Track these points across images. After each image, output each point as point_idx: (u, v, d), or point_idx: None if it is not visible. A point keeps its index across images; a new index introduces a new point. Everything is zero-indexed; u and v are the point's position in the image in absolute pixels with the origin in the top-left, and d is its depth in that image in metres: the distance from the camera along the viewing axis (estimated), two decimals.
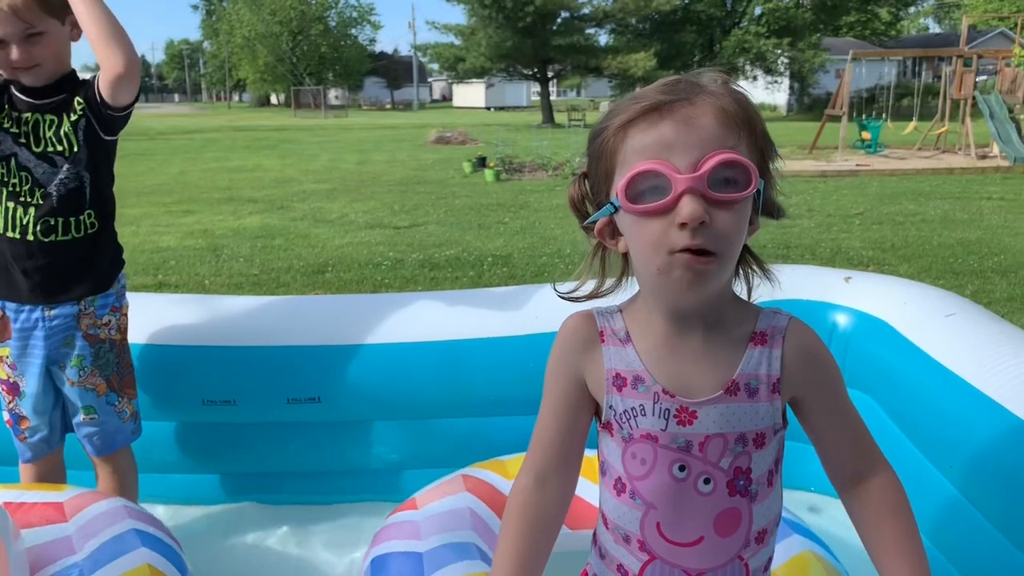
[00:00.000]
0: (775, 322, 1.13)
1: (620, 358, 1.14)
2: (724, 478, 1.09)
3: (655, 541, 1.12)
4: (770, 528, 1.15)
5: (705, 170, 1.00)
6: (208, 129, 30.89)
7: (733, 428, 1.09)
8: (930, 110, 21.15)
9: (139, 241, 8.42)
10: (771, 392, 1.10)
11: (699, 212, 0.99)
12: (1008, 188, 12.03)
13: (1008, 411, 1.96)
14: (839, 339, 2.65)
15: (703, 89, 1.04)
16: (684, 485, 1.10)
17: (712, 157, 1.01)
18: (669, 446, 1.10)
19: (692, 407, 1.09)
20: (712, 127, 1.02)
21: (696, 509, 1.10)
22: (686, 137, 1.02)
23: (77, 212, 2.18)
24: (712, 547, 1.11)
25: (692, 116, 1.02)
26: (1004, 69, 17.47)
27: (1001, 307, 5.44)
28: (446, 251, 7.80)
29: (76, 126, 2.16)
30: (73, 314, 2.23)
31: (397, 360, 2.62)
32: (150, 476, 2.57)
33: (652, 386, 1.10)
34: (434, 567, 1.81)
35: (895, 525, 1.13)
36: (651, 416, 1.10)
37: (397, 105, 64.33)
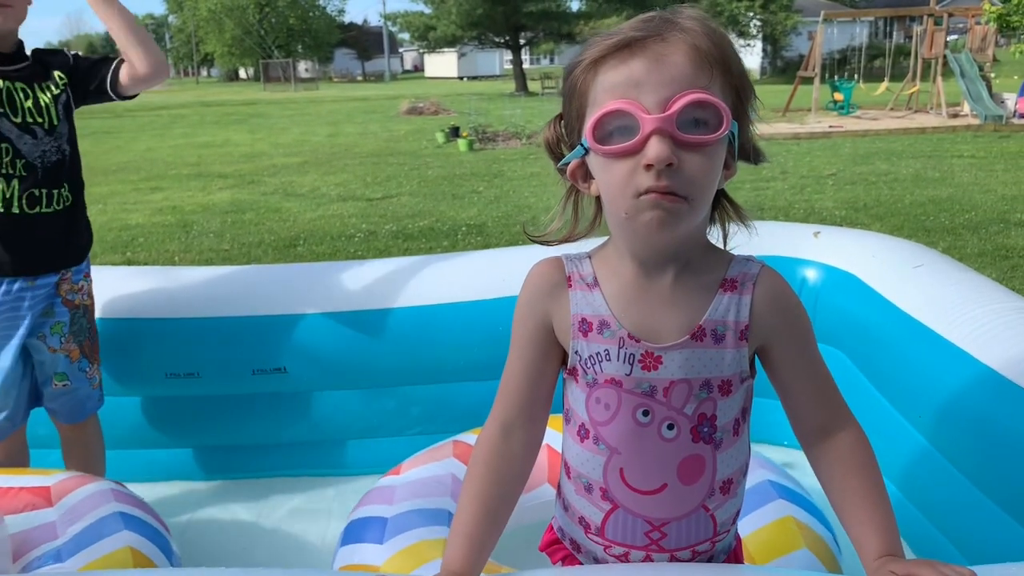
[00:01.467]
0: (747, 269, 1.10)
1: (587, 303, 1.11)
2: (688, 424, 1.08)
3: (618, 488, 1.11)
4: (736, 478, 1.14)
5: (674, 110, 0.97)
6: (175, 105, 30.38)
7: (698, 374, 1.07)
8: (902, 70, 21.21)
9: (107, 219, 8.28)
10: (738, 339, 1.08)
11: (665, 154, 0.96)
12: (979, 146, 12.10)
13: (975, 359, 1.96)
14: (809, 293, 2.65)
15: (677, 26, 1.00)
16: (647, 430, 1.08)
17: (682, 97, 0.97)
18: (633, 391, 1.08)
19: (657, 352, 1.07)
20: (683, 65, 0.98)
21: (659, 455, 1.09)
22: (656, 75, 0.98)
23: (58, 185, 2.20)
24: (675, 495, 1.10)
25: (663, 53, 0.98)
26: (974, 27, 17.52)
27: (972, 262, 5.47)
28: (420, 222, 7.73)
29: (57, 100, 2.20)
30: (54, 282, 2.25)
31: (364, 327, 2.58)
32: (113, 452, 2.52)
33: (618, 331, 1.08)
34: (395, 532, 1.81)
35: (862, 480, 1.11)
36: (616, 361, 1.08)
37: (368, 76, 63.55)
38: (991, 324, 2.03)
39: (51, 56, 2.26)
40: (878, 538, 1.07)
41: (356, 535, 1.88)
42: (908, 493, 2.19)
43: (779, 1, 37.25)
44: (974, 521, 1.88)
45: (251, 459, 2.73)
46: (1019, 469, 1.75)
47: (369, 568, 1.78)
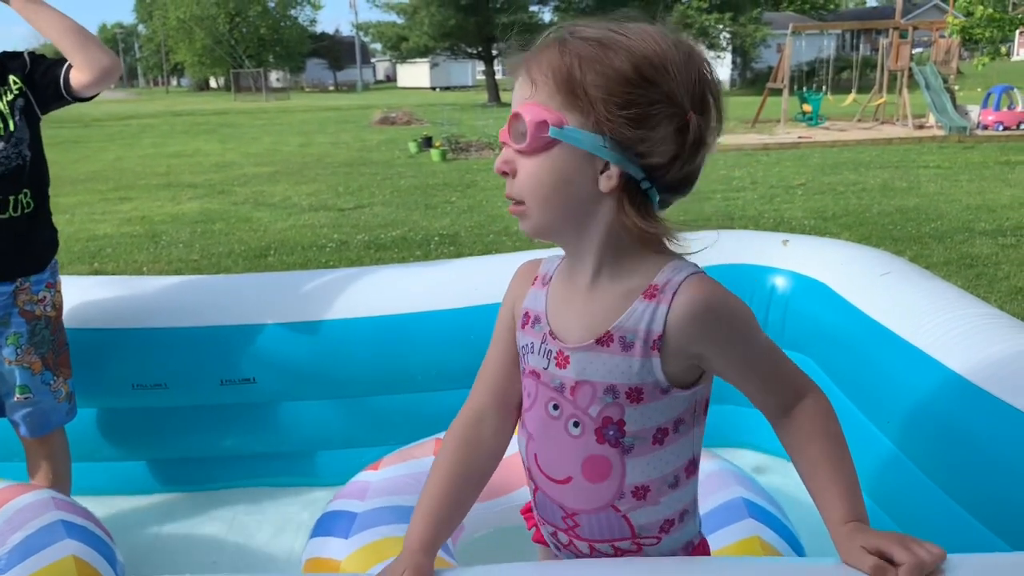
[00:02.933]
0: (672, 276, 1.07)
1: (534, 299, 1.18)
2: (592, 425, 1.10)
3: (535, 472, 1.18)
4: (656, 487, 1.13)
5: (507, 125, 1.06)
6: (145, 115, 30.08)
7: (602, 378, 1.08)
8: (869, 82, 21.51)
9: (74, 230, 8.15)
10: (649, 348, 1.06)
11: (498, 162, 1.08)
12: (944, 157, 12.30)
13: (942, 364, 1.98)
14: (778, 301, 2.67)
15: (536, 46, 1.07)
16: (556, 424, 1.13)
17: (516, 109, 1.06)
18: (548, 384, 1.13)
19: (567, 351, 1.11)
20: (521, 81, 1.06)
21: (565, 449, 1.13)
22: (514, 91, 1.08)
23: (16, 191, 2.14)
24: (581, 489, 1.13)
25: (518, 70, 1.08)
26: (939, 40, 17.84)
27: (939, 270, 5.55)
28: (392, 232, 7.70)
29: (13, 105, 2.14)
30: (10, 291, 2.18)
31: (335, 337, 2.56)
32: (80, 465, 2.47)
33: (544, 327, 1.14)
34: (361, 527, 1.83)
35: (821, 446, 1.12)
36: (537, 354, 1.14)
37: (341, 86, 63.36)
38: (957, 330, 2.06)
39: (9, 60, 2.20)
40: (841, 502, 1.08)
41: (325, 528, 1.90)
42: (876, 498, 2.21)
43: (749, 14, 37.69)
44: (941, 524, 1.90)
45: (219, 470, 2.70)
46: (984, 472, 1.78)
47: (330, 563, 1.78)
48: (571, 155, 1.03)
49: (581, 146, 1.02)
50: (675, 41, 1.05)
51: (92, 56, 2.15)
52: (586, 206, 1.06)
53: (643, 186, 1.04)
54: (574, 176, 1.04)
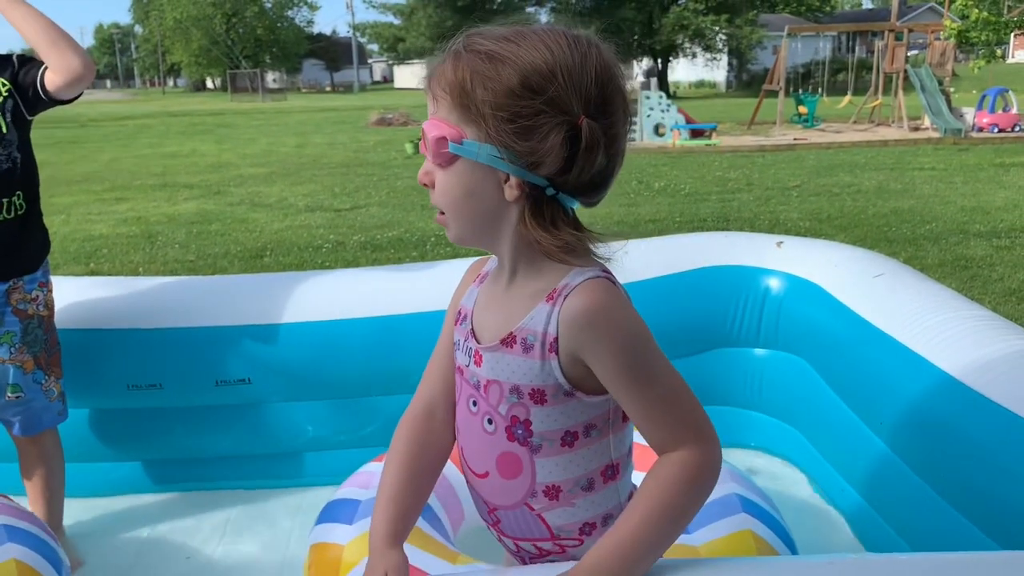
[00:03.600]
0: (571, 280, 1.07)
1: (468, 297, 1.22)
2: (503, 423, 1.14)
3: (463, 465, 1.23)
4: (568, 488, 1.13)
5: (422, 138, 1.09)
6: (141, 115, 30.03)
7: (507, 378, 1.12)
8: (864, 84, 21.58)
9: (70, 230, 8.14)
10: (547, 350, 1.07)
11: (420, 174, 1.10)
12: (939, 158, 12.33)
13: (935, 366, 1.99)
14: (772, 302, 2.68)
15: (441, 58, 1.09)
16: (475, 419, 1.17)
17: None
18: (468, 381, 1.17)
19: (480, 351, 1.15)
20: (428, 96, 1.09)
21: (483, 444, 1.17)
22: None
23: (8, 193, 2.14)
24: (497, 485, 1.17)
25: (426, 87, 1.10)
26: (934, 43, 17.90)
27: (933, 272, 5.57)
28: (388, 232, 7.70)
29: (3, 108, 2.14)
30: (3, 291, 2.19)
31: (331, 338, 2.56)
32: (74, 466, 2.47)
33: (467, 325, 1.18)
34: (364, 514, 1.89)
35: (649, 500, 1.04)
36: (461, 352, 1.19)
37: (337, 87, 63.32)
38: (950, 332, 2.07)
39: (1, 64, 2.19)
40: (598, 547, 1.03)
41: (331, 515, 1.98)
42: (868, 498, 2.22)
43: (744, 16, 37.78)
44: (932, 524, 1.91)
45: (214, 471, 2.70)
46: (976, 473, 1.79)
47: (334, 547, 1.86)
48: (473, 167, 1.06)
49: (479, 159, 1.04)
50: (572, 45, 1.03)
51: (64, 57, 2.11)
52: (495, 214, 1.08)
53: (548, 192, 1.05)
54: (479, 187, 1.07)
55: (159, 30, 60.00)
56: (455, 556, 1.82)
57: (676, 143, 14.49)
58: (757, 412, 2.74)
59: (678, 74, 45.22)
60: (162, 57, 64.76)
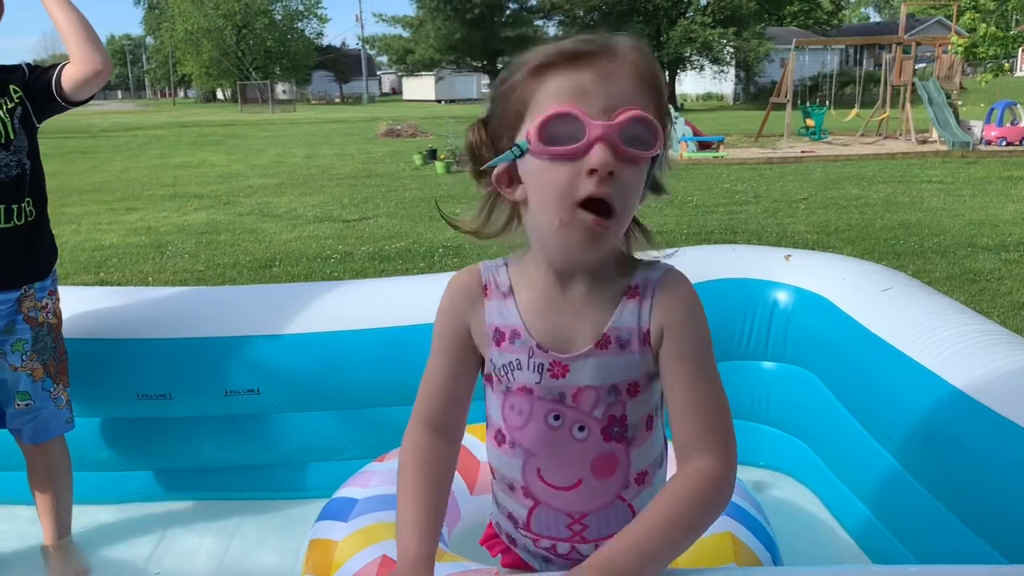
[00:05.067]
0: (649, 275, 1.12)
1: (500, 312, 1.15)
2: (598, 426, 1.13)
3: (537, 487, 1.17)
4: (651, 469, 1.18)
5: (619, 120, 1.00)
6: (152, 126, 30.21)
7: (604, 380, 1.11)
8: (872, 97, 21.57)
9: (80, 239, 8.19)
10: (642, 344, 1.11)
11: (609, 160, 0.99)
12: (947, 171, 12.32)
13: (943, 380, 1.99)
14: (780, 315, 2.68)
15: (621, 48, 1.04)
16: (559, 433, 1.13)
17: (627, 111, 1.01)
18: (544, 398, 1.13)
19: (564, 361, 1.11)
20: (628, 83, 1.02)
21: (573, 455, 1.14)
22: (604, 87, 1.01)
23: (18, 200, 2.16)
24: (591, 489, 1.15)
25: (611, 69, 1.02)
26: (941, 56, 17.89)
27: (941, 286, 5.56)
28: (396, 243, 7.73)
29: (12, 114, 2.16)
30: (15, 299, 2.21)
31: (340, 349, 2.57)
32: (83, 475, 2.49)
33: (528, 341, 1.13)
34: (360, 512, 1.94)
35: (660, 497, 1.05)
36: (527, 370, 1.13)
37: (346, 99, 63.61)
38: (959, 346, 2.07)
39: (8, 72, 2.23)
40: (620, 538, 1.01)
41: (329, 512, 2.02)
42: (877, 512, 2.22)
43: (752, 28, 37.84)
44: (941, 539, 1.90)
45: (222, 481, 2.70)
46: (985, 488, 1.78)
47: (329, 543, 1.90)
48: (647, 169, 1.06)
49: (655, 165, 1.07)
50: None
51: (91, 52, 2.17)
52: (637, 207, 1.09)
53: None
54: (642, 188, 1.07)
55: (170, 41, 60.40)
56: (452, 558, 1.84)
57: (683, 155, 14.50)
58: (765, 425, 2.74)
59: (685, 86, 45.30)
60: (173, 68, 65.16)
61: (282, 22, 58.16)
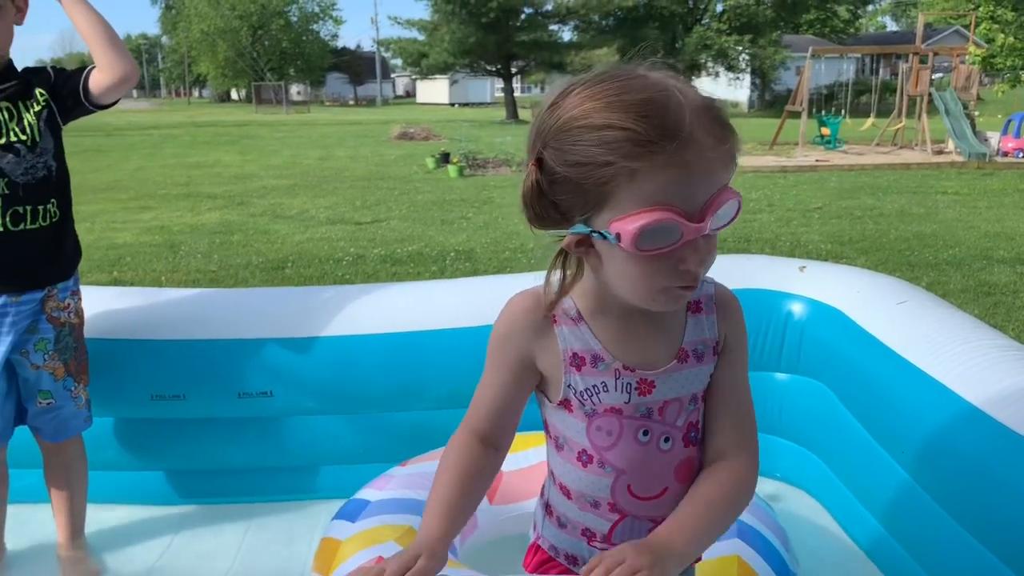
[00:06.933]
0: (704, 291, 1.20)
1: (575, 338, 1.16)
2: (679, 434, 1.20)
3: (626, 501, 1.21)
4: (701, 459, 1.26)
5: (709, 217, 0.99)
6: (167, 125, 30.39)
7: (687, 391, 1.18)
8: (887, 106, 21.48)
9: (94, 238, 8.24)
10: (713, 354, 1.20)
11: (704, 258, 1.04)
12: (963, 183, 12.25)
13: (958, 396, 1.98)
14: (794, 327, 2.67)
15: (698, 118, 0.98)
16: (648, 448, 1.19)
17: (715, 200, 1.00)
18: (633, 416, 1.17)
19: (651, 378, 1.16)
20: (712, 167, 0.99)
21: (660, 465, 1.20)
22: (692, 184, 0.98)
23: (44, 201, 2.18)
24: (674, 495, 1.20)
25: (697, 158, 0.97)
26: (959, 66, 17.81)
27: (956, 298, 5.53)
28: (408, 246, 7.74)
29: (39, 117, 2.19)
30: (39, 299, 2.23)
31: (352, 352, 2.57)
32: (97, 474, 2.49)
33: (612, 363, 1.16)
34: (370, 513, 1.99)
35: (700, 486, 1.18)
36: (614, 392, 1.16)
37: (360, 101, 63.84)
38: (974, 361, 2.06)
39: (34, 74, 2.25)
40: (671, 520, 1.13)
41: (343, 512, 2.08)
42: (890, 528, 2.20)
43: (768, 36, 37.77)
44: (955, 557, 1.89)
45: (234, 483, 2.71)
46: (1000, 506, 1.77)
47: (335, 542, 1.95)
48: None
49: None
50: None
51: (117, 58, 2.20)
52: None
53: None
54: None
55: (186, 41, 60.80)
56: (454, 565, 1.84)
57: None
58: (777, 436, 2.73)
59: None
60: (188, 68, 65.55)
61: (297, 23, 58.41)
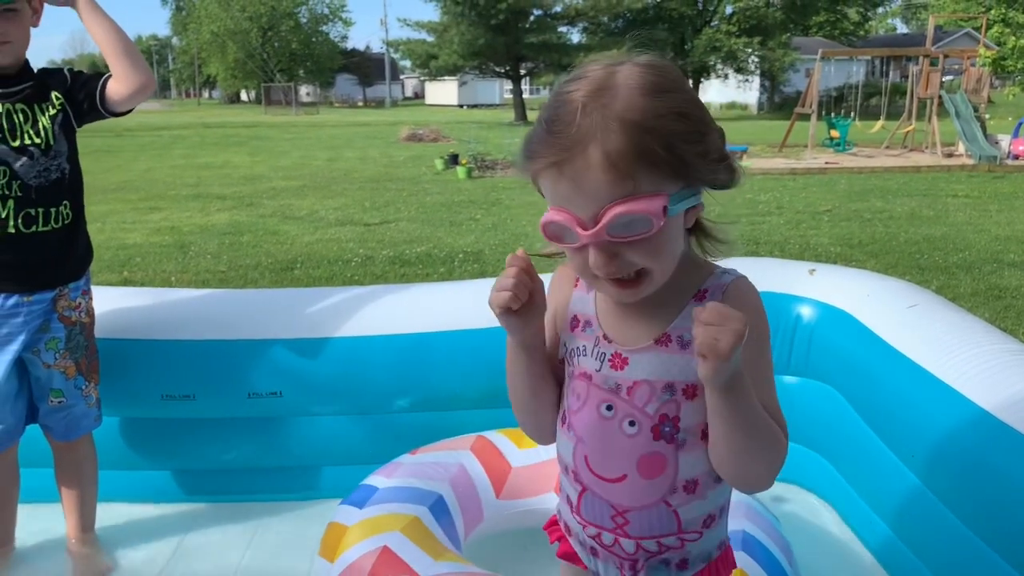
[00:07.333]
0: (719, 281, 1.17)
1: (582, 303, 1.24)
2: (649, 423, 1.16)
3: (584, 473, 1.22)
4: (704, 481, 1.18)
5: (601, 226, 1.03)
6: (177, 126, 30.51)
7: (660, 376, 1.15)
8: (897, 109, 21.41)
9: (104, 238, 8.28)
10: None
11: (602, 262, 1.06)
12: (973, 186, 12.20)
13: (968, 399, 1.97)
14: (803, 330, 2.66)
15: (592, 137, 1.01)
16: (610, 424, 1.18)
17: (605, 213, 1.02)
18: (600, 386, 1.18)
19: (625, 353, 1.17)
20: (602, 181, 1.01)
21: (620, 448, 1.18)
22: (581, 195, 1.03)
23: (56, 203, 2.20)
24: (635, 487, 1.18)
25: (583, 172, 1.02)
26: (969, 69, 17.74)
27: (965, 302, 5.51)
28: (417, 248, 7.75)
29: (54, 120, 2.20)
30: (50, 298, 2.24)
31: (360, 353, 2.58)
32: (107, 473, 2.51)
33: (596, 330, 1.20)
34: (376, 501, 2.02)
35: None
36: (589, 357, 1.20)
37: (369, 102, 63.95)
38: (984, 365, 2.05)
39: (51, 76, 2.26)
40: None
41: (352, 498, 2.11)
42: (899, 532, 2.20)
43: (777, 38, 37.65)
44: (964, 562, 1.88)
45: (242, 482, 2.72)
46: (1010, 510, 1.76)
47: (341, 527, 2.00)
48: (668, 224, 1.06)
49: (686, 206, 1.09)
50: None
51: (133, 68, 2.22)
52: (680, 246, 1.12)
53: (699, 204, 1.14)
54: (673, 237, 1.10)
55: (196, 43, 61.02)
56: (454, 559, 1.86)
57: None
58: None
59: (709, 95, 45.17)
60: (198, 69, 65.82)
61: (307, 25, 58.56)
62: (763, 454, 1.13)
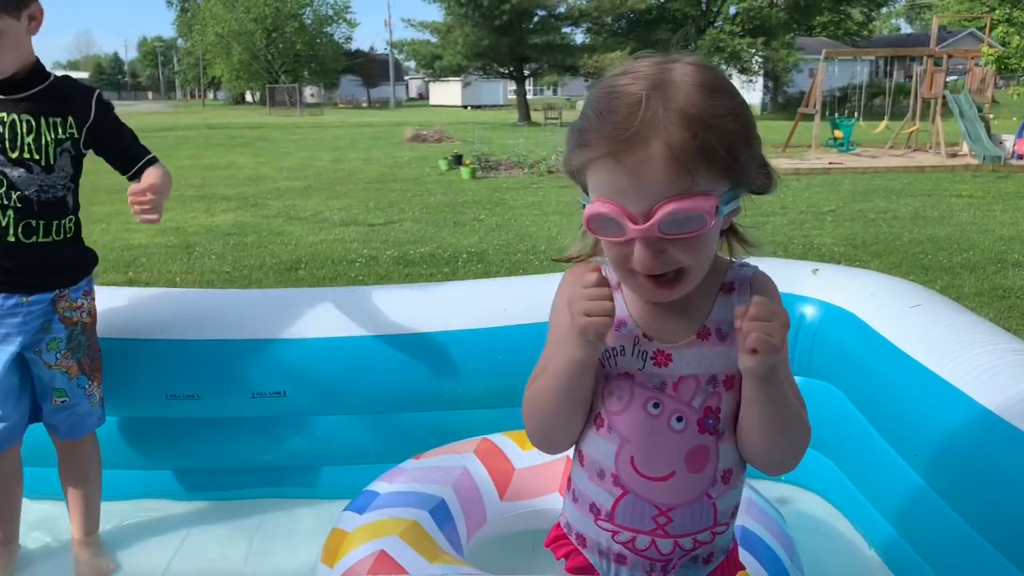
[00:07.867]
0: (742, 273, 1.21)
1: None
2: (695, 416, 1.18)
3: (628, 475, 1.20)
4: (735, 469, 1.22)
5: (654, 221, 1.03)
6: (182, 127, 30.55)
7: (705, 370, 1.17)
8: (901, 109, 21.38)
9: (109, 239, 8.30)
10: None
11: (647, 258, 1.06)
12: (977, 186, 12.18)
13: (972, 399, 1.97)
14: (807, 330, 2.66)
15: (654, 125, 1.02)
16: (657, 422, 1.18)
17: (661, 208, 1.03)
18: (645, 384, 1.18)
19: (668, 350, 1.17)
20: (662, 175, 1.02)
21: (668, 445, 1.18)
22: (637, 188, 1.03)
23: (60, 217, 2.22)
24: (682, 482, 1.19)
25: (643, 164, 1.02)
26: (973, 69, 17.70)
27: (970, 302, 5.50)
28: (421, 248, 7.76)
29: (60, 144, 2.16)
30: (50, 299, 2.25)
31: (364, 353, 2.59)
32: (111, 472, 2.52)
33: (633, 330, 1.19)
34: (377, 506, 2.03)
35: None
36: (629, 356, 1.19)
37: (373, 103, 64.03)
38: (988, 365, 2.05)
39: (73, 93, 2.20)
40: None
41: (355, 504, 2.12)
42: (903, 531, 2.20)
43: (781, 38, 37.63)
44: (968, 562, 1.88)
45: (246, 480, 2.73)
46: (1014, 510, 1.76)
47: (342, 532, 2.01)
48: (713, 228, 1.08)
49: (732, 207, 1.11)
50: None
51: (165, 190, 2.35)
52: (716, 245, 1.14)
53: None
54: (713, 239, 1.12)
55: (201, 44, 61.11)
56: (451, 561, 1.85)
57: None
58: None
59: None
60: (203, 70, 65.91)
61: (312, 26, 58.61)
62: (795, 436, 1.18)
